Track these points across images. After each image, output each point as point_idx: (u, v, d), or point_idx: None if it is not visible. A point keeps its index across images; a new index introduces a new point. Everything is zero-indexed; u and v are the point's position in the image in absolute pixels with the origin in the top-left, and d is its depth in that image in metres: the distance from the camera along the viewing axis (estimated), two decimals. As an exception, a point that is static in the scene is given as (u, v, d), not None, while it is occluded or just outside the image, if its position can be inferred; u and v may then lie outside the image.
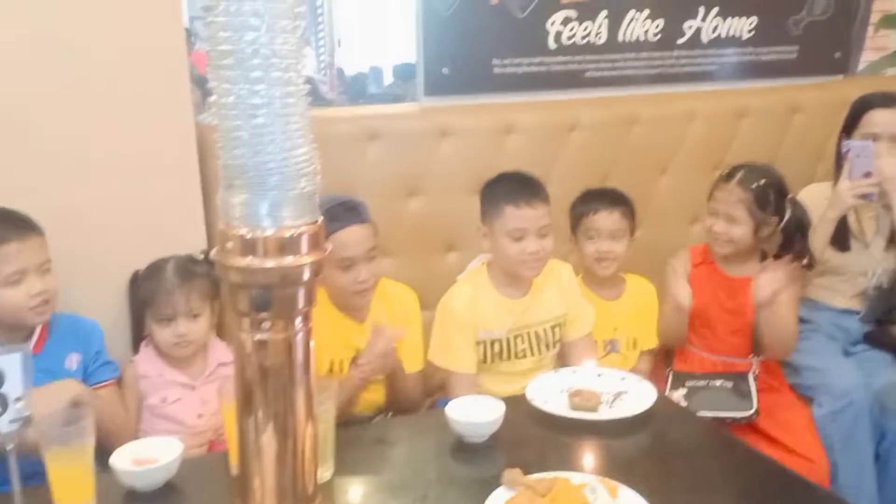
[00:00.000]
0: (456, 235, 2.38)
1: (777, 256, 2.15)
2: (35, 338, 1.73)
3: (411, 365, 1.99)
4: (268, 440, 0.91)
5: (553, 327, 2.00)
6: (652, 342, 2.20)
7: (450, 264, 2.38)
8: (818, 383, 2.16)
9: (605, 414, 1.50)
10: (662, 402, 1.54)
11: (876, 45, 3.98)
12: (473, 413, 1.43)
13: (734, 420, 1.97)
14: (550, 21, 2.47)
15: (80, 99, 1.87)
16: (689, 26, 2.63)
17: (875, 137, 2.23)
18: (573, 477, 1.22)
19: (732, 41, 2.69)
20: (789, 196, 2.14)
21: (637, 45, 2.59)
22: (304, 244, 0.87)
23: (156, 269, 1.84)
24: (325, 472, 1.30)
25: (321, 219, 0.90)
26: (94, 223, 1.92)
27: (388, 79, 7.14)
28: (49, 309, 1.71)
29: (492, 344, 1.96)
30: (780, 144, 2.71)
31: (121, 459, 1.31)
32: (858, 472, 2.05)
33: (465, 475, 1.35)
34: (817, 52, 2.81)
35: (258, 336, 0.88)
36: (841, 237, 2.30)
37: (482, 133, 2.38)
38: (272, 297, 0.87)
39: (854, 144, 2.23)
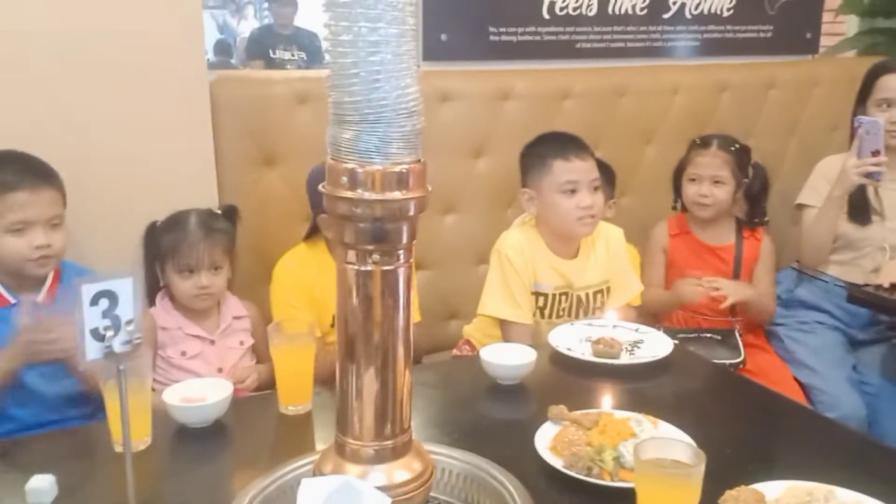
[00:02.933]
0: (454, 197, 2.44)
1: (750, 224, 2.28)
2: (46, 286, 1.72)
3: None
4: (372, 372, 0.95)
5: (596, 293, 1.99)
6: (637, 301, 2.24)
7: (448, 226, 2.45)
8: (815, 385, 2.20)
9: (625, 360, 1.59)
10: (678, 350, 1.64)
11: (832, 30, 4.17)
12: (509, 357, 1.49)
13: (724, 367, 2.10)
14: (545, -9, 2.54)
15: (95, 54, 1.85)
16: (674, 2, 2.73)
17: (889, 103, 2.27)
18: (615, 413, 1.30)
19: (713, 18, 2.81)
20: (752, 161, 2.29)
21: (626, 19, 2.68)
22: (412, 180, 0.91)
23: (177, 221, 1.85)
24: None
25: (424, 159, 0.94)
26: (108, 175, 1.90)
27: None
28: (51, 263, 1.69)
29: (538, 298, 1.95)
30: (757, 118, 2.84)
31: (172, 397, 1.33)
32: None
33: (506, 414, 1.43)
34: (790, 31, 2.95)
35: (364, 267, 0.92)
36: (860, 211, 2.30)
37: (480, 98, 2.43)
38: (379, 229, 0.91)
39: (864, 120, 2.22)
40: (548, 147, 1.95)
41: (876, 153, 2.17)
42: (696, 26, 2.78)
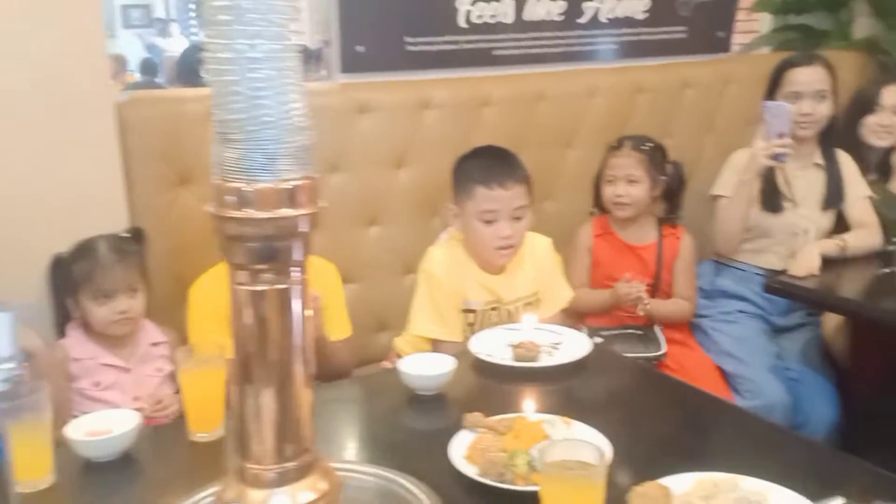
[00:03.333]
0: (377, 210, 2.43)
1: (668, 221, 2.34)
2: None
3: (337, 332, 2.02)
4: (269, 393, 0.93)
5: (526, 305, 1.96)
6: (566, 300, 2.28)
7: (372, 239, 2.44)
8: (739, 374, 2.26)
9: (545, 362, 1.61)
10: (597, 349, 1.66)
11: (748, 28, 4.31)
12: (427, 367, 1.49)
13: (647, 360, 2.15)
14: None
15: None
16: (589, 6, 2.78)
17: (797, 96, 2.36)
18: (530, 416, 1.31)
19: (628, 21, 2.87)
20: (669, 160, 2.36)
21: (542, 25, 2.72)
22: (302, 196, 0.91)
23: (87, 248, 1.80)
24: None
25: (315, 175, 0.93)
26: (8, 209, 1.84)
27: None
28: None
29: (467, 315, 1.92)
30: (673, 118, 2.90)
31: (76, 431, 1.29)
32: None
33: (424, 425, 1.42)
34: (703, 31, 3.04)
35: (257, 287, 0.91)
36: (771, 199, 2.37)
37: (399, 108, 2.43)
38: (270, 248, 0.90)
39: (770, 105, 2.29)
40: (474, 168, 1.89)
41: (782, 135, 2.24)
42: (611, 30, 2.84)
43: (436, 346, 1.89)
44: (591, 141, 2.74)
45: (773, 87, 2.46)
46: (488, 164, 1.87)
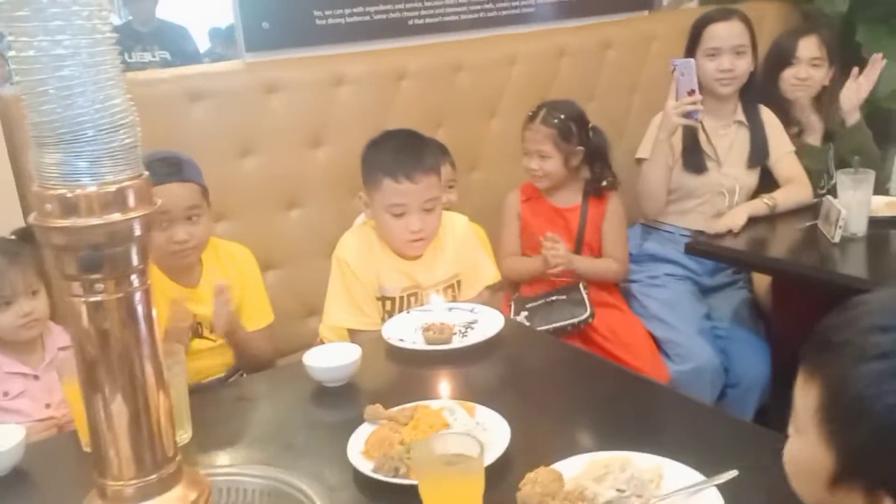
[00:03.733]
0: (296, 192, 2.36)
1: (595, 192, 2.31)
2: None
3: (256, 321, 1.96)
4: (118, 404, 0.88)
5: (447, 288, 1.88)
6: (496, 278, 2.26)
7: (293, 222, 2.37)
8: (669, 339, 2.24)
9: (457, 343, 1.57)
10: (510, 326, 1.62)
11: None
12: (332, 359, 1.44)
13: (573, 326, 2.12)
14: (370, -32, 2.47)
15: None
16: (502, -31, 2.71)
17: (716, 52, 2.31)
18: (432, 404, 1.27)
19: (545, -18, 2.80)
20: (590, 125, 2.30)
21: (456, -10, 2.64)
22: (131, 199, 0.84)
23: None
24: (183, 436, 1.28)
25: (146, 173, 0.87)
26: None
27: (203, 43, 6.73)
28: None
29: (384, 302, 1.86)
30: (597, 80, 2.86)
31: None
32: None
33: (328, 419, 1.38)
34: (623, -11, 2.98)
35: (92, 298, 0.85)
36: (693, 159, 2.34)
37: (311, 86, 2.35)
38: (103, 256, 0.83)
39: (678, 62, 2.24)
40: (382, 157, 1.80)
41: (692, 93, 2.20)
42: (529, -8, 2.77)
43: (353, 335, 1.82)
44: (514, 109, 2.67)
45: (692, 45, 2.42)
46: (396, 153, 1.77)
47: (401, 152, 1.77)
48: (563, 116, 2.29)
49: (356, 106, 2.39)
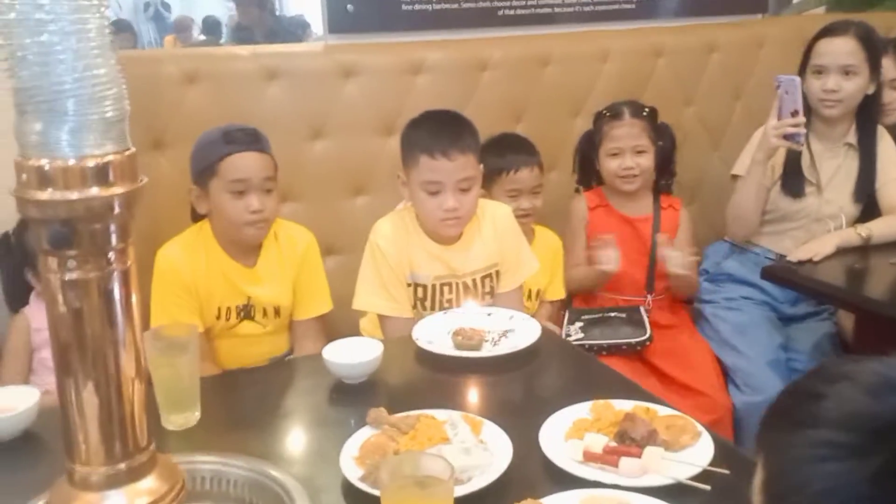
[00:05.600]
0: (364, 179, 2.33)
1: (662, 188, 2.18)
2: None
3: (312, 309, 1.95)
4: (90, 389, 0.86)
5: (484, 278, 1.82)
6: (558, 294, 2.19)
7: (359, 209, 2.34)
8: (739, 368, 2.09)
9: (487, 352, 1.49)
10: (546, 338, 1.53)
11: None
12: (353, 354, 1.40)
13: (629, 346, 2.00)
14: (462, -42, 2.40)
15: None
16: (606, -36, 2.58)
17: (822, 70, 2.13)
18: (438, 414, 1.21)
19: (650, -21, 2.65)
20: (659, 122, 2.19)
21: (553, -17, 2.54)
22: (112, 174, 0.81)
23: None
24: (191, 418, 1.27)
25: (132, 148, 0.84)
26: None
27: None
28: None
29: (416, 289, 1.81)
30: (698, 83, 2.69)
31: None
32: None
33: (337, 417, 1.33)
34: (736, -10, 2.79)
35: (67, 276, 0.83)
36: (793, 181, 2.16)
37: (389, 72, 2.31)
38: (78, 231, 0.81)
39: (783, 79, 2.08)
40: (420, 135, 1.77)
41: (795, 113, 2.02)
42: (630, -12, 2.63)
43: (383, 322, 1.79)
44: (603, 108, 2.56)
45: (805, 59, 2.21)
46: (434, 131, 1.74)
47: (439, 130, 1.74)
48: (649, 109, 2.18)
49: (434, 95, 2.32)
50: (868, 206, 2.21)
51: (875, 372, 0.59)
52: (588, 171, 2.27)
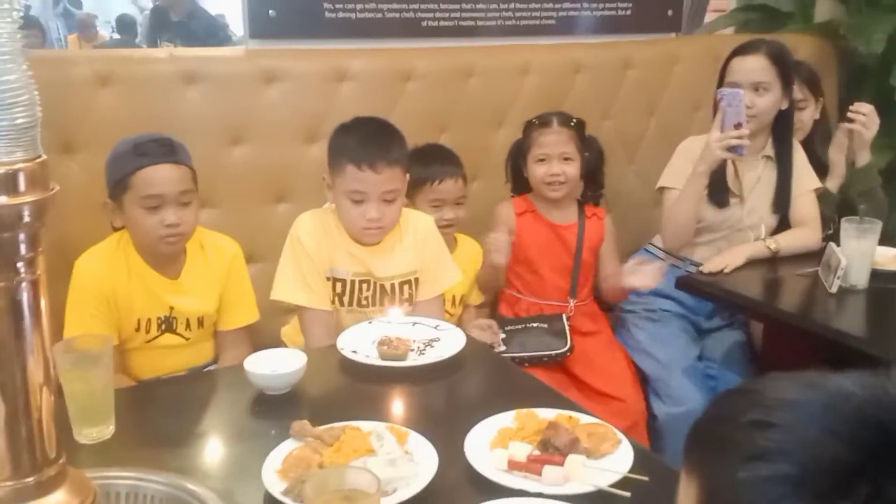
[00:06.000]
0: (286, 186, 2.30)
1: (589, 200, 2.23)
2: None
3: (239, 319, 1.91)
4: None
5: (402, 284, 1.83)
6: (479, 299, 2.23)
7: (280, 216, 2.30)
8: (658, 378, 2.14)
9: (412, 361, 1.49)
10: (471, 347, 1.54)
11: (715, 6, 4.16)
12: (275, 365, 1.38)
13: (550, 357, 2.04)
14: (387, -34, 2.41)
15: None
16: (528, -22, 2.63)
17: (736, 86, 2.17)
18: (363, 425, 1.20)
19: (569, -6, 2.71)
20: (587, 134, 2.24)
21: (476, -5, 2.57)
22: (22, 182, 0.78)
23: None
24: (104, 431, 1.22)
25: (43, 156, 0.81)
26: None
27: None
28: None
29: (335, 284, 1.81)
30: (615, 98, 2.76)
31: None
32: None
33: (259, 429, 1.30)
34: (651, 9, 2.88)
35: (-27, 285, 0.79)
36: (718, 192, 2.20)
37: (312, 79, 2.29)
38: (-14, 240, 0.78)
39: (726, 92, 2.10)
40: (348, 143, 1.76)
41: (738, 126, 2.07)
42: (550, 3, 2.69)
43: (302, 315, 1.79)
44: (523, 120, 2.59)
45: (720, 77, 2.29)
46: (363, 140, 1.74)
47: (367, 140, 1.74)
48: (576, 120, 2.22)
49: (357, 103, 2.31)
50: (786, 217, 2.31)
51: (823, 404, 0.55)
52: (518, 179, 2.30)
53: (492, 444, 1.18)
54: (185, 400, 1.39)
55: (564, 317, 2.12)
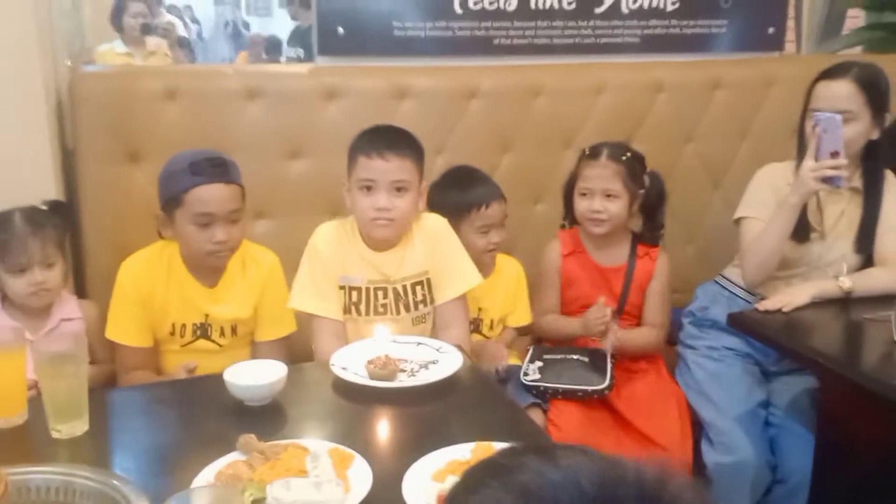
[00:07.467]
0: (341, 199, 2.26)
1: (646, 239, 2.10)
2: None
3: (275, 331, 1.95)
4: None
5: (415, 285, 1.84)
6: (523, 319, 2.15)
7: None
8: (713, 423, 1.97)
9: (398, 383, 1.45)
10: (466, 373, 1.48)
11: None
12: (253, 376, 1.38)
13: (585, 393, 1.91)
14: (457, -15, 2.39)
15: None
16: (608, -5, 2.53)
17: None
18: (310, 444, 1.18)
19: (655, 13, 2.58)
20: (647, 170, 2.10)
21: (550, 14, 2.50)
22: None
23: (1, 221, 1.82)
24: (77, 427, 1.27)
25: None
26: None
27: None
28: None
29: (350, 292, 1.83)
30: (700, 120, 2.60)
31: None
32: None
33: (226, 438, 1.30)
34: (748, 27, 2.69)
35: None
36: (797, 225, 1.99)
37: (373, 96, 2.32)
38: None
39: (821, 117, 1.90)
40: (362, 140, 1.82)
41: (835, 154, 1.87)
42: (633, 21, 2.57)
43: (312, 322, 1.81)
44: (595, 142, 2.50)
45: (805, 102, 2.08)
46: (373, 133, 1.82)
47: (378, 133, 1.82)
48: (629, 154, 2.09)
49: (418, 121, 2.29)
50: (871, 256, 2.07)
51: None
52: (569, 210, 2.20)
53: (433, 476, 1.12)
54: (167, 404, 1.42)
55: (608, 354, 1.99)
